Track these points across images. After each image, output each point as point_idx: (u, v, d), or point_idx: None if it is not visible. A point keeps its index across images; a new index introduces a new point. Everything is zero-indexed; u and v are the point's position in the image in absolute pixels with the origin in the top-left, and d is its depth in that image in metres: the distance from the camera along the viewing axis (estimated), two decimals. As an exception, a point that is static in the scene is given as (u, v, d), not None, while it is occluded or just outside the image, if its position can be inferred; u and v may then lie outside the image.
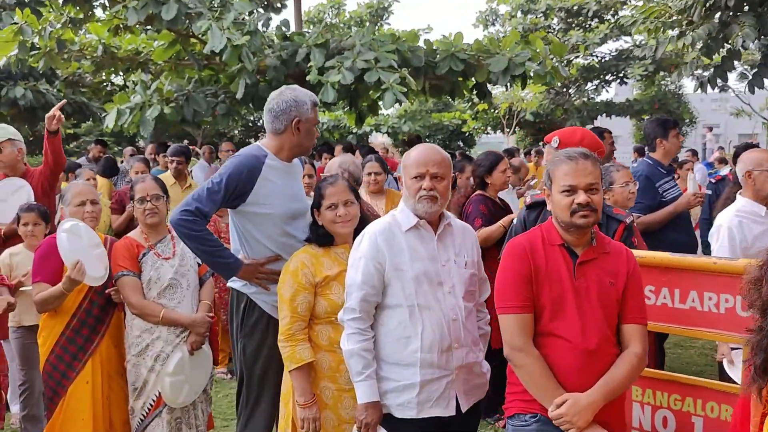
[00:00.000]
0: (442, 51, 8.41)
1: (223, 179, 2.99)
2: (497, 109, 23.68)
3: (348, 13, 23.34)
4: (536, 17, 23.23)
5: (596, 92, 24.49)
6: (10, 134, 4.59)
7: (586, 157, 2.41)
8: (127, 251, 3.47)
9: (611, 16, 22.96)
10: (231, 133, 31.93)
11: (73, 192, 3.58)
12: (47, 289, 3.39)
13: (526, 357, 2.35)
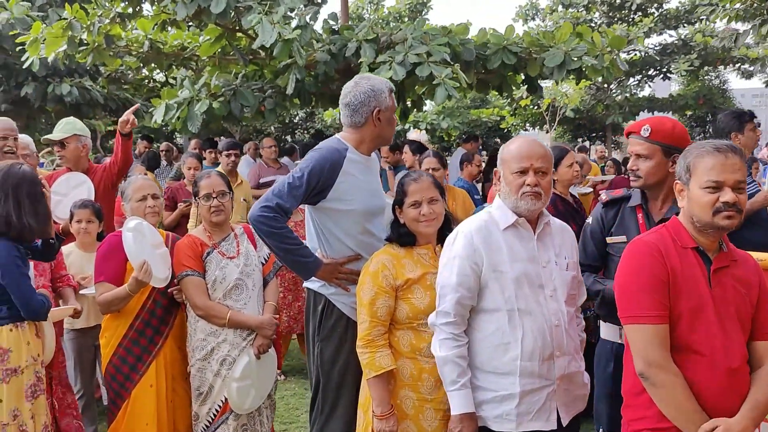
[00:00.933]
0: (494, 44, 8.17)
1: (305, 174, 2.84)
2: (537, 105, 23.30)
3: (387, 8, 23.14)
4: (578, 11, 22.78)
5: (639, 87, 23.93)
6: (77, 129, 4.53)
7: (735, 150, 2.16)
8: (191, 250, 3.35)
9: (655, 9, 22.47)
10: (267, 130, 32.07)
11: (133, 187, 3.48)
12: (111, 289, 3.27)
13: (667, 375, 2.09)
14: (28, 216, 3.08)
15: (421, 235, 2.78)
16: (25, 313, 3.12)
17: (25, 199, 3.09)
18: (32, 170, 3.22)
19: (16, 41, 8.16)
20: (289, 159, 10.27)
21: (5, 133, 4.15)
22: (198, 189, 3.42)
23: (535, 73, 8.36)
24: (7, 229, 3.07)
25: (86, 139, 4.61)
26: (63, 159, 4.46)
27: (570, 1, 23.14)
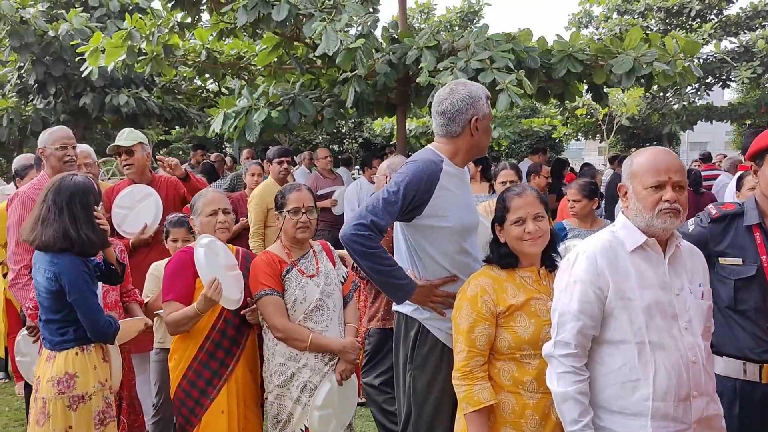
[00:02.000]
0: (558, 51, 7.89)
1: (401, 188, 2.61)
2: (591, 114, 22.79)
3: (437, 17, 22.90)
4: (633, 18, 22.22)
5: (698, 95, 23.18)
6: (141, 138, 4.39)
7: None
8: (270, 268, 3.14)
9: (714, 16, 21.77)
10: (316, 140, 32.13)
11: (204, 200, 3.29)
12: (179, 308, 3.09)
13: None
14: (85, 228, 2.96)
15: (525, 256, 2.54)
16: (92, 335, 2.98)
17: (79, 211, 2.98)
18: (86, 179, 3.09)
19: (76, 51, 8.16)
20: (346, 170, 10.05)
21: (64, 142, 4.04)
22: (284, 201, 3.22)
23: (602, 80, 8.05)
24: (69, 244, 2.95)
25: (149, 149, 4.49)
26: (130, 167, 4.32)
27: (625, 8, 22.58)
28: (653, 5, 21.85)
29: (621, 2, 22.53)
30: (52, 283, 2.92)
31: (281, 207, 3.23)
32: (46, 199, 2.99)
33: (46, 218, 2.96)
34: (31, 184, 4.05)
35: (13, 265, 3.87)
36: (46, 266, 2.94)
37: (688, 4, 21.31)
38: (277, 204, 3.28)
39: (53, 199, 2.98)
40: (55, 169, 4.00)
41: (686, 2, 21.35)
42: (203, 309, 3.04)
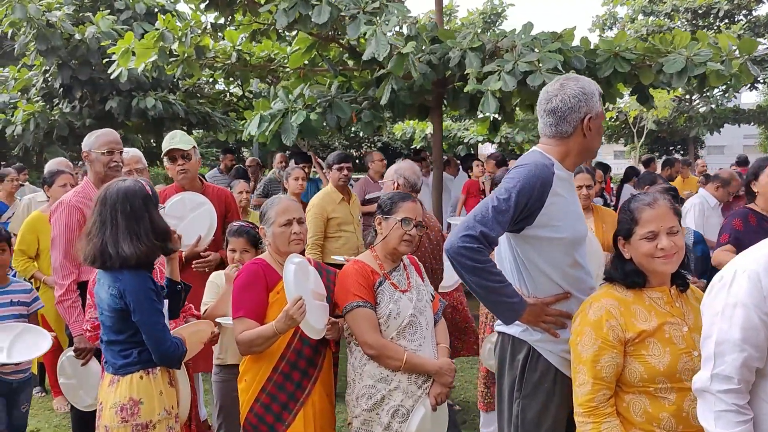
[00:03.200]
0: (604, 51, 7.60)
1: (512, 195, 2.35)
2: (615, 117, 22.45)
3: (459, 20, 22.67)
4: (660, 19, 21.88)
5: (726, 98, 22.80)
6: (193, 141, 4.15)
7: None
8: (363, 278, 2.89)
9: (743, 17, 21.41)
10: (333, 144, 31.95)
11: (278, 209, 3.01)
12: (251, 326, 2.83)
13: None
14: (124, 243, 2.68)
15: (656, 275, 2.26)
16: (157, 358, 2.74)
17: (122, 223, 2.71)
18: (135, 183, 2.82)
19: (108, 51, 7.98)
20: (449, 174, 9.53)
21: (111, 147, 3.80)
22: (395, 208, 2.97)
23: (649, 81, 7.75)
24: (102, 262, 2.71)
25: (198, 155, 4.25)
26: (185, 173, 4.05)
27: (652, 9, 22.25)
28: (680, 6, 21.53)
29: (647, 3, 22.21)
30: (116, 301, 2.68)
31: (389, 212, 2.98)
32: (95, 211, 2.78)
33: (91, 231, 2.76)
34: (74, 191, 3.82)
35: (60, 280, 3.65)
36: (110, 282, 2.71)
37: (716, 4, 20.98)
38: (384, 208, 3.02)
39: (99, 210, 2.76)
40: (99, 175, 3.77)
41: (714, 3, 21.03)
42: (282, 329, 2.77)
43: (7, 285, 3.79)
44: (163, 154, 4.06)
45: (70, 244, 3.62)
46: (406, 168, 4.38)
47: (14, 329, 3.50)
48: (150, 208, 2.78)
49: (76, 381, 3.58)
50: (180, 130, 4.23)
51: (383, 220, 3.01)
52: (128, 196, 2.73)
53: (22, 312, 3.73)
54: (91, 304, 3.23)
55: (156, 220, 2.78)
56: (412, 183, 4.32)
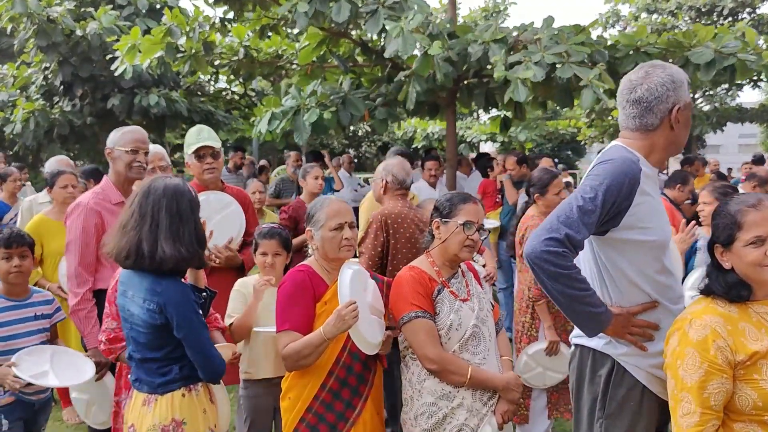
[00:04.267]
0: (625, 46, 7.39)
1: (599, 193, 2.12)
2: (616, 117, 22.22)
3: (462, 18, 22.43)
4: (663, 17, 21.68)
5: (729, 96, 22.60)
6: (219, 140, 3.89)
7: None
8: (421, 286, 2.65)
9: (747, 14, 21.25)
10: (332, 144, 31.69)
11: (327, 212, 2.75)
12: (298, 339, 2.59)
13: None
14: (165, 243, 2.40)
15: (763, 286, 2.01)
16: (205, 374, 2.48)
17: (164, 220, 2.43)
18: (182, 183, 2.53)
19: (114, 47, 7.72)
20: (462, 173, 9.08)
21: (136, 145, 3.50)
22: (454, 211, 2.74)
23: (670, 77, 7.53)
24: (134, 261, 2.43)
25: None
26: (213, 172, 3.78)
27: (655, 7, 22.04)
28: (684, 4, 21.34)
29: (651, 1, 21.99)
30: (155, 316, 2.40)
31: (448, 215, 2.74)
32: (133, 203, 2.50)
33: (127, 224, 2.46)
34: (93, 192, 3.53)
35: (76, 288, 3.38)
36: (146, 295, 2.41)
37: (721, 2, 20.79)
38: (442, 211, 2.78)
39: (140, 202, 2.46)
40: (121, 175, 3.51)
41: (718, 0, 20.83)
42: (331, 333, 2.52)
43: (28, 297, 3.34)
44: (189, 151, 3.77)
45: (86, 249, 3.38)
46: (394, 165, 4.20)
47: (44, 353, 3.13)
48: (195, 212, 2.51)
49: (89, 396, 3.33)
50: (199, 127, 3.96)
51: (441, 223, 2.76)
52: (176, 195, 2.46)
53: (45, 326, 3.34)
54: (108, 314, 2.98)
55: (199, 226, 2.51)
56: (401, 180, 4.14)
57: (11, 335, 3.21)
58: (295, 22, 6.89)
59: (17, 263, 3.24)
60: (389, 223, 3.95)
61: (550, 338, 3.98)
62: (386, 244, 3.93)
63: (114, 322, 2.88)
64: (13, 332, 3.22)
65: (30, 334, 3.26)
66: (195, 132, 3.82)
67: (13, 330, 3.22)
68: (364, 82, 8.66)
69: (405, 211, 4.03)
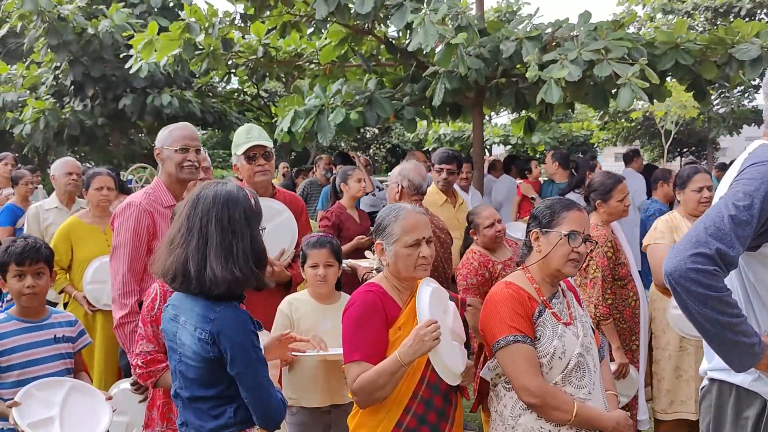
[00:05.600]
0: (663, 43, 7.06)
1: (755, 201, 1.81)
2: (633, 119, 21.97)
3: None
4: (680, 17, 21.36)
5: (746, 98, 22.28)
6: None
7: None
8: (519, 305, 2.33)
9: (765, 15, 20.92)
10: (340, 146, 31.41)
11: (404, 225, 2.39)
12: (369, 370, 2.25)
13: None
14: (215, 261, 2.05)
15: None
16: (260, 420, 2.10)
17: (215, 235, 2.07)
18: (237, 189, 2.17)
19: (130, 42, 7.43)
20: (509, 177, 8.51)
21: (185, 144, 3.20)
22: (557, 219, 2.42)
23: (711, 76, 7.21)
24: (181, 283, 2.10)
25: None
26: (265, 174, 3.45)
27: (671, 8, 21.73)
28: (700, 4, 21.03)
29: (667, 1, 21.68)
30: (208, 348, 2.05)
31: (549, 225, 2.42)
32: (181, 215, 2.15)
33: (174, 240, 2.13)
34: (145, 192, 3.24)
35: (122, 299, 3.05)
36: (198, 322, 2.07)
37: (738, 2, 20.47)
38: (542, 220, 2.47)
39: (188, 215, 2.12)
40: (172, 176, 3.21)
41: (736, 1, 20.51)
42: (409, 357, 2.19)
43: (46, 317, 2.92)
44: (238, 152, 3.45)
45: (136, 254, 3.06)
46: (410, 169, 4.03)
47: (59, 388, 2.71)
48: (252, 224, 2.14)
49: (129, 418, 3.02)
50: (248, 126, 3.63)
51: (541, 234, 2.44)
52: (228, 204, 2.10)
53: (68, 351, 2.92)
54: (143, 336, 2.67)
55: (257, 240, 2.14)
56: (417, 185, 3.99)
57: (28, 361, 2.80)
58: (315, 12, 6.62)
59: (31, 283, 2.81)
60: None
61: (619, 360, 3.66)
62: None
63: (150, 345, 2.58)
64: (30, 357, 2.81)
65: (50, 360, 2.85)
66: (244, 131, 3.50)
67: (30, 355, 2.82)
68: (386, 82, 8.36)
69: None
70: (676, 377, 3.98)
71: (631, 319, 3.84)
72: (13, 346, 2.80)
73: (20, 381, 2.75)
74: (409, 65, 7.85)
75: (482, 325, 2.41)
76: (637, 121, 22.55)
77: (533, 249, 2.47)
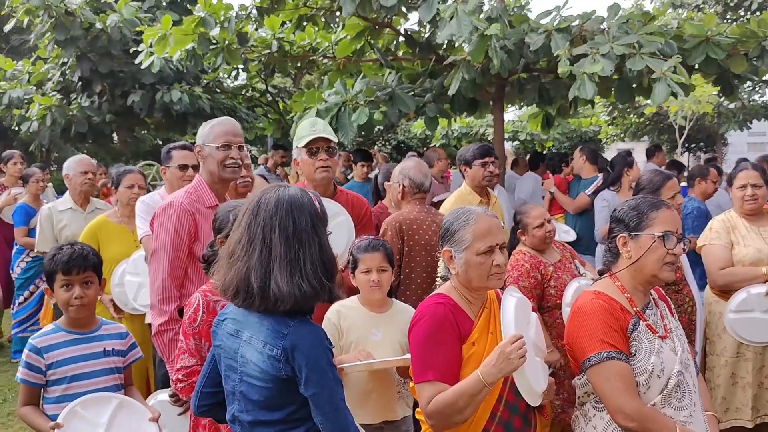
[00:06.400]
0: (693, 36, 6.85)
1: None
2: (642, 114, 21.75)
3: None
4: (690, 11, 21.13)
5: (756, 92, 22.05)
6: None
7: None
8: (612, 317, 2.13)
9: (777, 8, 20.67)
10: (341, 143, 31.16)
11: (476, 230, 2.20)
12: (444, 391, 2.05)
13: None
14: (280, 274, 1.84)
15: None
16: None
17: (277, 245, 1.86)
18: (303, 194, 1.97)
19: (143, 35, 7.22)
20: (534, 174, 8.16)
21: (227, 140, 3.03)
22: (646, 221, 2.20)
23: (741, 70, 7.01)
24: (243, 300, 1.89)
25: None
26: (328, 171, 3.26)
27: (681, 2, 21.49)
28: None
29: (677, -5, 21.48)
30: (279, 366, 1.85)
31: (638, 227, 2.20)
32: (241, 224, 1.95)
33: (234, 252, 1.92)
34: (186, 192, 3.07)
35: (162, 305, 2.88)
36: (269, 338, 1.87)
37: (750, -4, 20.24)
38: (629, 222, 2.25)
39: (247, 224, 1.92)
40: (214, 174, 3.05)
41: (747, -5, 20.29)
42: (493, 377, 2.00)
43: (96, 329, 2.75)
44: (300, 144, 3.25)
45: (176, 257, 2.90)
46: (411, 167, 3.95)
47: (106, 405, 2.55)
48: (319, 231, 1.94)
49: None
50: (312, 119, 3.43)
51: (630, 239, 2.24)
52: (293, 210, 1.89)
53: (118, 365, 2.75)
54: (184, 350, 2.48)
55: (326, 249, 1.94)
56: (419, 183, 3.91)
57: (75, 375, 2.64)
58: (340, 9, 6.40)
59: (79, 293, 2.64)
60: (404, 230, 3.74)
61: None
62: (401, 252, 3.71)
63: (192, 359, 2.41)
64: (78, 371, 2.65)
65: (98, 375, 2.68)
66: (308, 124, 3.33)
67: (77, 369, 2.65)
68: (403, 77, 8.16)
69: (422, 216, 3.81)
70: (732, 384, 3.82)
71: (688, 326, 3.65)
72: (60, 359, 2.64)
73: (66, 396, 2.60)
74: (428, 60, 7.65)
75: (570, 339, 2.21)
76: (646, 116, 22.32)
77: (620, 255, 2.26)
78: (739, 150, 51.71)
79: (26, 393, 2.63)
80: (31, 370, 2.62)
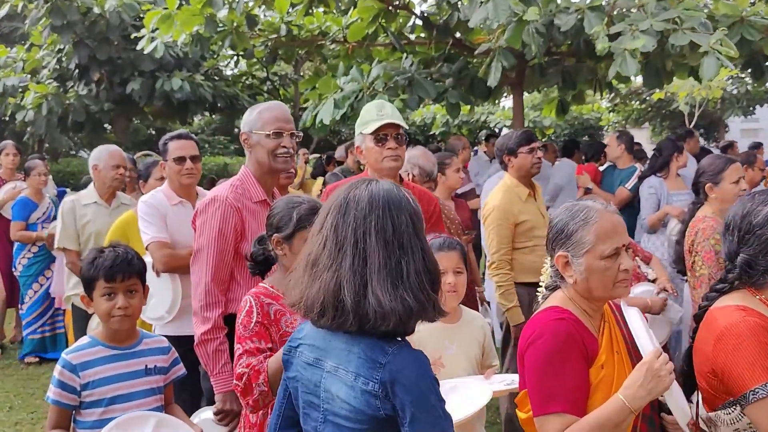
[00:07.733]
0: (726, 17, 6.53)
1: None
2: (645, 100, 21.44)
3: None
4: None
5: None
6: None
7: None
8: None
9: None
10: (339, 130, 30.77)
11: (598, 230, 1.88)
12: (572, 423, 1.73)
13: None
14: (380, 286, 1.51)
15: None
16: None
17: (375, 251, 1.53)
18: (394, 187, 1.63)
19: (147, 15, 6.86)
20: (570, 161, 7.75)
21: (278, 126, 2.72)
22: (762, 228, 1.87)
23: (775, 51, 6.71)
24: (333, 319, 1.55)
25: None
26: (397, 160, 2.93)
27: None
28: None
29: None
30: (377, 403, 1.51)
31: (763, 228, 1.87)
32: (323, 226, 1.61)
33: (318, 261, 1.58)
34: (231, 185, 2.77)
35: (205, 311, 2.58)
36: (361, 368, 1.53)
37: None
38: (746, 227, 1.92)
39: (333, 225, 1.58)
40: (263, 165, 2.76)
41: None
42: (643, 401, 1.70)
43: (137, 343, 2.44)
44: (367, 130, 2.91)
45: (221, 259, 2.61)
46: (419, 156, 3.91)
47: (143, 424, 2.24)
48: (420, 234, 1.61)
49: None
50: (377, 102, 3.09)
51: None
52: (391, 209, 1.56)
53: (160, 385, 2.44)
54: (245, 352, 2.19)
55: (429, 255, 1.60)
56: (428, 172, 3.91)
57: (115, 397, 2.32)
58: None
59: (123, 303, 2.31)
60: None
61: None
62: None
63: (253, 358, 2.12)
64: (118, 393, 2.33)
65: (139, 396, 2.36)
66: (375, 107, 2.98)
67: (117, 390, 2.33)
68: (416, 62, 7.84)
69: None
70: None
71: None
72: (97, 378, 2.31)
73: (104, 420, 2.27)
74: (445, 43, 7.33)
75: (721, 365, 1.87)
76: (648, 102, 22.02)
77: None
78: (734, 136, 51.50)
79: (57, 415, 2.30)
80: (65, 390, 2.28)
